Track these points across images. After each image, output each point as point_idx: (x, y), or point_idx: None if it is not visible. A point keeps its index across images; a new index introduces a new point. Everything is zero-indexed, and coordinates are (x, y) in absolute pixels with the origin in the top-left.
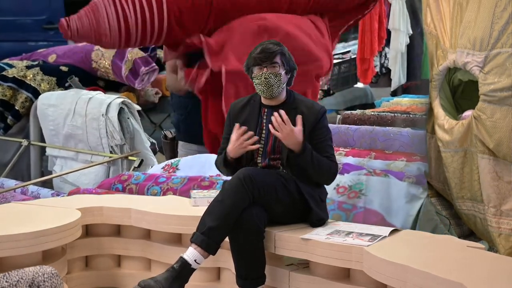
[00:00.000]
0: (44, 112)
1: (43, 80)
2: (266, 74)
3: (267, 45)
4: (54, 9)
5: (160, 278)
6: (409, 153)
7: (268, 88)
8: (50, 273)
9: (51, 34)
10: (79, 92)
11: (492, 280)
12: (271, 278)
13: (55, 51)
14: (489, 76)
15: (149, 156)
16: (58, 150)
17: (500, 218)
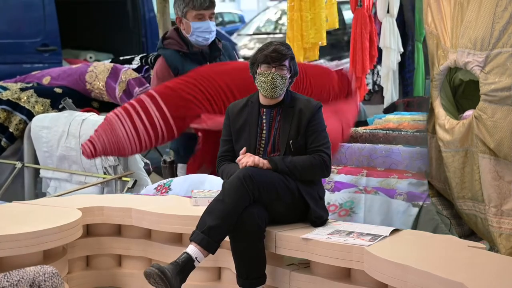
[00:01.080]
0: (38, 134)
1: (37, 102)
2: (273, 74)
3: (279, 46)
4: (49, 32)
5: (168, 267)
6: (401, 170)
7: (272, 88)
8: (51, 273)
9: (46, 56)
10: (72, 113)
11: (493, 280)
12: (271, 278)
13: (49, 73)
14: (490, 75)
15: (143, 177)
16: (52, 171)
17: (501, 218)
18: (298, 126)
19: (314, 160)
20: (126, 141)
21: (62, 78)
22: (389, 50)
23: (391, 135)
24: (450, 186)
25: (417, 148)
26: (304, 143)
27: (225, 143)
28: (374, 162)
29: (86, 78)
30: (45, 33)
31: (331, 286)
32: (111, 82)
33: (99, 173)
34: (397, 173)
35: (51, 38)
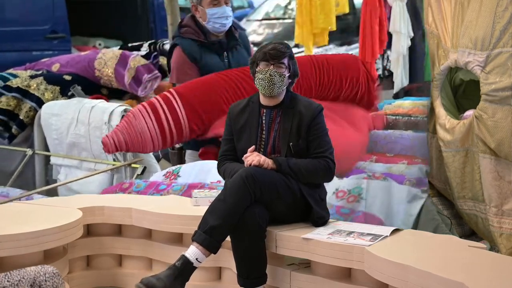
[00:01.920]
0: (48, 122)
1: (47, 89)
2: (271, 71)
3: (278, 45)
4: (58, 19)
5: (162, 276)
6: (410, 155)
7: (270, 86)
8: (51, 273)
9: (55, 43)
10: (81, 101)
11: (493, 280)
12: (272, 278)
13: (58, 60)
14: (490, 75)
15: (152, 163)
16: (62, 158)
17: (502, 218)
18: (299, 128)
19: (320, 164)
20: (149, 137)
21: (71, 65)
22: (399, 35)
23: (401, 120)
24: (451, 186)
25: (427, 133)
26: (305, 146)
27: (227, 142)
28: (383, 147)
29: (95, 65)
30: (54, 20)
31: (331, 286)
32: (120, 69)
33: (108, 160)
34: (407, 159)
35: (60, 25)
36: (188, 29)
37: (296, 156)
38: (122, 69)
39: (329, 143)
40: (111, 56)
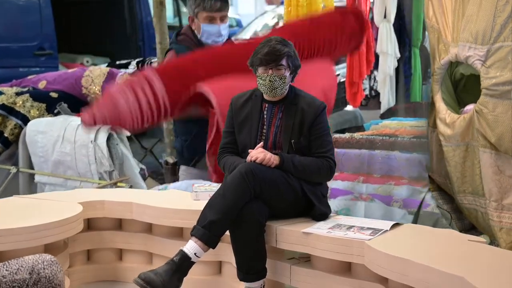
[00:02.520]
0: (33, 139)
1: (33, 106)
2: (271, 76)
3: (274, 46)
4: (45, 36)
5: (160, 270)
6: (397, 176)
7: (271, 90)
8: (49, 261)
9: (42, 60)
10: (68, 118)
11: (493, 273)
12: (272, 272)
13: (45, 77)
14: (491, 70)
15: (138, 182)
16: (47, 177)
17: (502, 212)
18: (301, 126)
19: (322, 164)
20: (128, 113)
21: (58, 82)
22: (386, 56)
23: (388, 141)
24: (451, 180)
25: (414, 154)
26: (307, 144)
27: (228, 134)
28: (371, 168)
29: (82, 82)
30: (42, 36)
31: (331, 280)
32: (107, 87)
33: (94, 179)
34: (394, 180)
35: (47, 42)
36: (185, 37)
37: (297, 153)
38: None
39: (331, 143)
40: (99, 73)
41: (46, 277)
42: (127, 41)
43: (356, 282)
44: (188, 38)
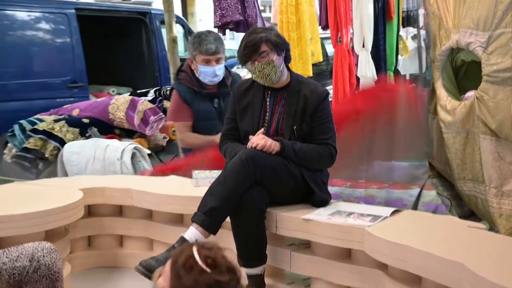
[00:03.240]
0: (69, 159)
1: (68, 131)
2: (258, 67)
3: (248, 38)
4: (77, 71)
5: (161, 257)
6: (379, 181)
7: (266, 79)
8: (49, 249)
9: (75, 91)
10: (98, 140)
11: (492, 259)
12: (272, 258)
13: (78, 106)
14: (492, 56)
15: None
16: None
17: (501, 199)
18: (303, 113)
19: (323, 151)
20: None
21: (89, 110)
22: (366, 79)
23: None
24: (451, 167)
25: (392, 162)
26: (309, 130)
27: (230, 121)
28: (357, 175)
29: (109, 109)
30: (74, 72)
31: (331, 266)
32: (130, 112)
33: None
34: (376, 184)
35: (79, 76)
36: (185, 75)
37: (299, 140)
38: (132, 112)
39: (333, 130)
40: (123, 101)
41: (45, 265)
42: (146, 72)
43: (356, 268)
44: (188, 76)
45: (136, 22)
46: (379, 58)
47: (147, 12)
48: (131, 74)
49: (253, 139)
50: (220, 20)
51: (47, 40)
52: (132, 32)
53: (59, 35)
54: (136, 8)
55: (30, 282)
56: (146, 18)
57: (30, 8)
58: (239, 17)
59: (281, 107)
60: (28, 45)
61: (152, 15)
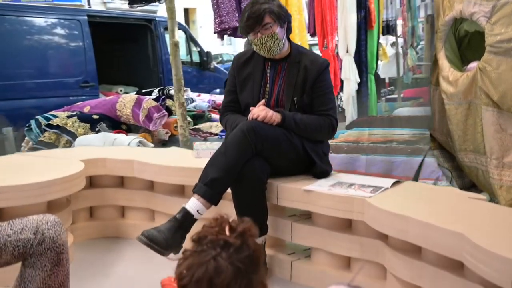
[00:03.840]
0: None
1: (80, 126)
2: (261, 39)
3: (251, 8)
4: (89, 72)
5: (163, 228)
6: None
7: (268, 51)
8: (53, 221)
9: (86, 90)
10: (106, 135)
11: (492, 230)
12: (273, 229)
13: (89, 103)
14: (496, 26)
15: None
16: None
17: (502, 170)
18: (303, 84)
19: (324, 122)
20: None
21: (99, 107)
22: (349, 81)
23: (351, 146)
24: (453, 138)
25: (372, 156)
26: (309, 102)
27: (230, 93)
28: (341, 167)
29: (117, 107)
30: (86, 73)
31: (332, 237)
32: (136, 110)
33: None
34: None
35: (90, 77)
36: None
37: (299, 111)
38: (138, 110)
39: (333, 101)
40: (129, 99)
41: (50, 238)
42: (151, 74)
43: (356, 238)
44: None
45: (142, 28)
46: (361, 62)
47: (152, 19)
48: (137, 75)
49: (254, 110)
50: (219, 26)
51: (61, 44)
52: (139, 37)
53: (72, 40)
54: (143, 15)
55: (35, 255)
56: (151, 24)
57: (46, 15)
58: (237, 23)
59: (282, 79)
60: (44, 48)
61: (157, 22)
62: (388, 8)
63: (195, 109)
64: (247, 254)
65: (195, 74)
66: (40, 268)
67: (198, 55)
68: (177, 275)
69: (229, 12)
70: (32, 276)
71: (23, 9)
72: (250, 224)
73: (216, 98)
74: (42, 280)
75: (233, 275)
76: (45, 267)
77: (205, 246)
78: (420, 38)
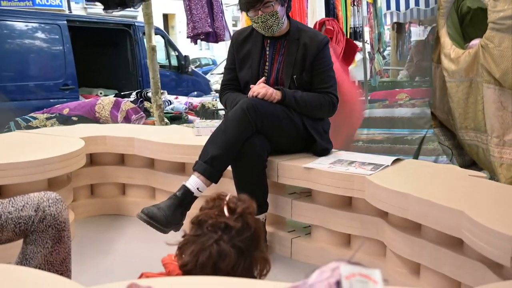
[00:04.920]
0: None
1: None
2: (261, 17)
3: None
4: (69, 75)
5: (163, 205)
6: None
7: (268, 30)
8: (54, 199)
9: (66, 93)
10: None
11: (492, 207)
12: (274, 206)
13: (68, 106)
14: (498, 3)
15: None
16: None
17: (503, 148)
18: (303, 61)
19: (324, 100)
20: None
21: (78, 109)
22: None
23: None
24: (453, 116)
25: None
26: (309, 79)
27: (229, 71)
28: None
29: (96, 109)
30: (66, 75)
31: (332, 214)
32: (114, 111)
33: None
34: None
35: (70, 79)
36: None
37: (299, 89)
38: (116, 111)
39: (334, 78)
40: (108, 102)
41: (51, 215)
42: (130, 77)
43: (357, 216)
44: None
45: (121, 32)
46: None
47: (131, 24)
48: (117, 78)
49: (254, 88)
50: (192, 31)
51: (41, 48)
52: (118, 41)
53: (53, 43)
54: (122, 20)
55: (36, 232)
56: (130, 29)
57: (26, 19)
58: (209, 29)
59: (281, 56)
60: (25, 52)
61: (136, 27)
62: (355, 16)
63: (173, 111)
64: (248, 235)
65: (173, 77)
66: (41, 245)
67: (176, 59)
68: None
69: (201, 18)
70: (34, 253)
71: (4, 13)
72: (248, 201)
73: (193, 101)
74: (44, 257)
75: (236, 257)
76: (47, 244)
77: (205, 230)
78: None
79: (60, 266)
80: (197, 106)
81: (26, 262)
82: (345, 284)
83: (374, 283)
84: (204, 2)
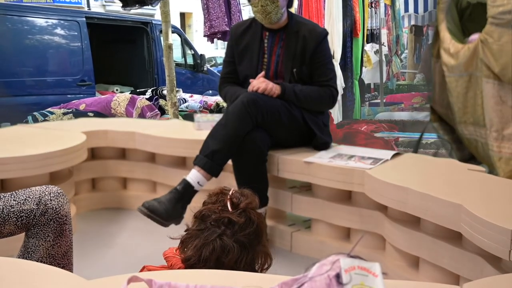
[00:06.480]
0: None
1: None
2: (262, 1)
3: None
4: (86, 71)
5: (164, 199)
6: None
7: (266, 16)
8: (56, 192)
9: (84, 89)
10: None
11: (491, 201)
12: (274, 200)
13: (85, 101)
14: None
15: None
16: None
17: (502, 142)
18: (302, 54)
19: (324, 93)
20: None
21: (94, 105)
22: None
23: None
24: (453, 110)
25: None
26: (309, 72)
27: (228, 64)
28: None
29: (111, 105)
30: (83, 72)
31: (332, 208)
32: (129, 108)
33: None
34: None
35: (88, 76)
36: None
37: (299, 82)
38: (131, 108)
39: (333, 71)
40: (123, 98)
41: (53, 208)
42: (146, 74)
43: (356, 210)
44: None
45: (139, 30)
46: (346, 68)
47: (149, 22)
48: (133, 75)
49: (254, 83)
50: (209, 30)
51: (60, 44)
52: (135, 39)
53: (71, 40)
54: (139, 18)
55: (38, 225)
56: (147, 27)
57: (46, 16)
58: (226, 28)
59: (280, 49)
60: (44, 48)
61: (153, 25)
62: (373, 18)
63: (187, 109)
64: (251, 230)
65: (189, 75)
66: (43, 238)
67: (192, 57)
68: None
69: (219, 16)
70: (36, 246)
71: (25, 9)
72: (251, 197)
73: (208, 99)
74: (46, 250)
75: (239, 252)
76: (48, 237)
77: (209, 224)
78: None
79: (62, 259)
80: (212, 104)
81: (28, 256)
82: (344, 277)
83: (374, 276)
84: (222, 1)
